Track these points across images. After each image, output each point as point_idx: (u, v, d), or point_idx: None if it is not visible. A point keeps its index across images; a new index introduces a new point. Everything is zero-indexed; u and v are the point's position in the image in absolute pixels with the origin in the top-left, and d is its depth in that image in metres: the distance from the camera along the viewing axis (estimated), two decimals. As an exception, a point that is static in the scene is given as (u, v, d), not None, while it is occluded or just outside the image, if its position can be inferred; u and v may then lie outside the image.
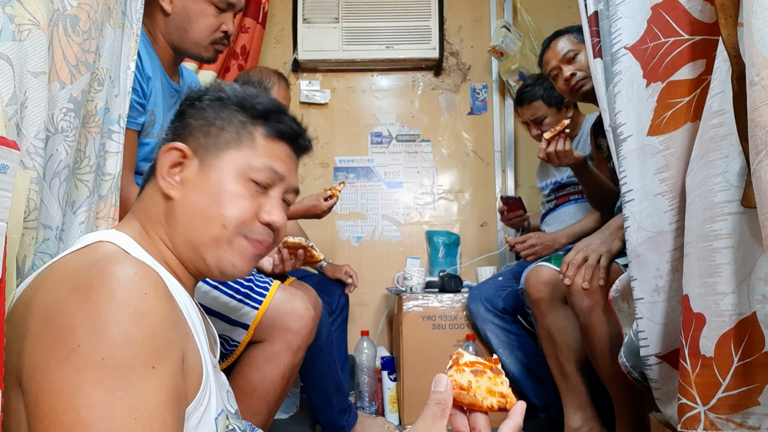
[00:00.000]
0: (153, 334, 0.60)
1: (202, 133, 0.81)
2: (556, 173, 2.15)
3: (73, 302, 0.59)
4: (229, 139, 0.80)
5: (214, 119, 0.81)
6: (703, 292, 0.86)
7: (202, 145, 0.80)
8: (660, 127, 1.03)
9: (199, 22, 1.40)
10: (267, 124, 0.82)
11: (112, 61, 1.03)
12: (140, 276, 0.63)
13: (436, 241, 2.53)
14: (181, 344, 0.65)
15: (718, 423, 0.85)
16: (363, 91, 2.87)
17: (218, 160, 0.79)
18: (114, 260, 0.64)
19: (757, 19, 0.68)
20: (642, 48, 1.07)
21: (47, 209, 0.86)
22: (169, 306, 0.64)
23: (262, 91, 0.87)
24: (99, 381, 0.56)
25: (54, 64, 0.83)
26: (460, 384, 0.65)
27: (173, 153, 0.79)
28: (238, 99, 0.83)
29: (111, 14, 1.00)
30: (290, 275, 1.71)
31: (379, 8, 2.74)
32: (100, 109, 0.98)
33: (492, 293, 2.01)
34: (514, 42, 2.65)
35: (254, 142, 0.81)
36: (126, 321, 0.59)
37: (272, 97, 0.87)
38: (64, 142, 0.88)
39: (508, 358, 1.95)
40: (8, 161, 0.58)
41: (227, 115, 0.81)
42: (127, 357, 0.58)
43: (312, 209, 1.89)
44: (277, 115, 0.83)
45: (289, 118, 0.85)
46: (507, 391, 0.66)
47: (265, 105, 0.83)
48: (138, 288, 0.61)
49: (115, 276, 0.61)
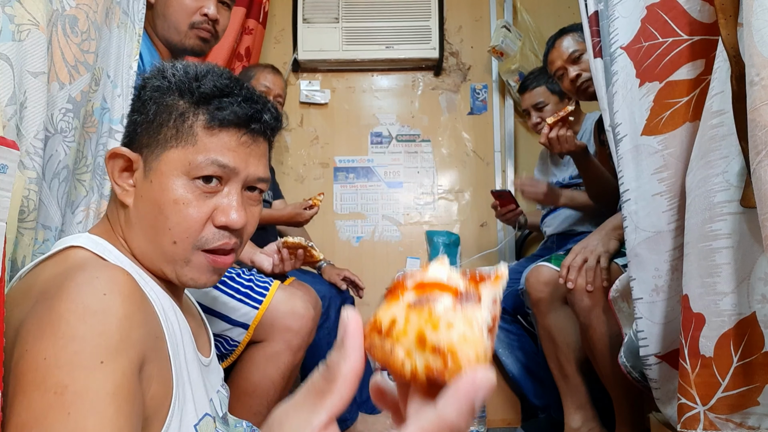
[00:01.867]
0: (105, 330, 0.56)
1: (145, 132, 0.73)
2: (557, 172, 2.15)
3: (32, 312, 0.58)
4: (169, 137, 0.71)
5: (154, 114, 0.72)
6: (702, 292, 0.86)
7: (145, 145, 0.72)
8: (658, 127, 1.03)
9: (174, 5, 1.36)
10: (207, 112, 0.71)
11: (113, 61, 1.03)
12: (102, 279, 0.59)
13: (436, 241, 2.53)
14: (142, 347, 0.60)
15: (717, 423, 0.85)
16: (363, 91, 2.87)
17: (159, 163, 0.71)
18: (80, 267, 0.61)
19: (757, 19, 0.68)
20: (636, 48, 1.07)
21: (47, 210, 0.86)
22: (133, 307, 0.60)
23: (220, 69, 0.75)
24: (40, 382, 0.53)
25: (53, 64, 0.84)
26: (377, 323, 0.35)
27: (118, 159, 0.72)
28: (177, 84, 0.72)
29: (110, 14, 1.00)
30: (290, 275, 1.71)
31: (379, 8, 2.74)
32: (96, 109, 0.98)
33: None
34: (514, 42, 2.65)
35: (195, 135, 0.71)
36: (75, 319, 0.55)
37: (224, 75, 0.74)
38: (63, 142, 0.88)
39: (508, 358, 1.95)
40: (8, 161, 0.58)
41: (167, 106, 0.72)
42: (71, 353, 0.54)
43: (295, 217, 1.93)
44: (218, 99, 0.72)
45: (236, 99, 0.72)
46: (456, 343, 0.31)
47: (205, 88, 0.72)
48: (95, 289, 0.58)
49: (74, 281, 0.58)
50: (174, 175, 0.70)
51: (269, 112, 0.75)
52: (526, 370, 1.94)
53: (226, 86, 0.73)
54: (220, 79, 0.73)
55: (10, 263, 0.77)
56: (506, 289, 1.62)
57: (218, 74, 0.73)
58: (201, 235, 0.71)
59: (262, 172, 0.76)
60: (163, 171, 0.70)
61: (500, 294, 0.35)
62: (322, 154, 2.83)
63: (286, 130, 2.78)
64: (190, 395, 0.69)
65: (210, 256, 0.72)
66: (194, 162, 0.70)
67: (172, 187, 0.69)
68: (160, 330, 0.66)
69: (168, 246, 0.70)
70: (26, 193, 0.78)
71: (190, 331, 0.75)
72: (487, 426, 1.95)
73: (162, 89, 0.72)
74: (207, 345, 0.85)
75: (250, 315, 1.33)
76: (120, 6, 1.03)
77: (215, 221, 0.71)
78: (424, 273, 0.37)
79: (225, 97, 0.72)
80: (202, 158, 0.70)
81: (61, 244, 0.68)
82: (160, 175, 0.70)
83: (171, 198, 0.69)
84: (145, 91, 0.73)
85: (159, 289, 0.72)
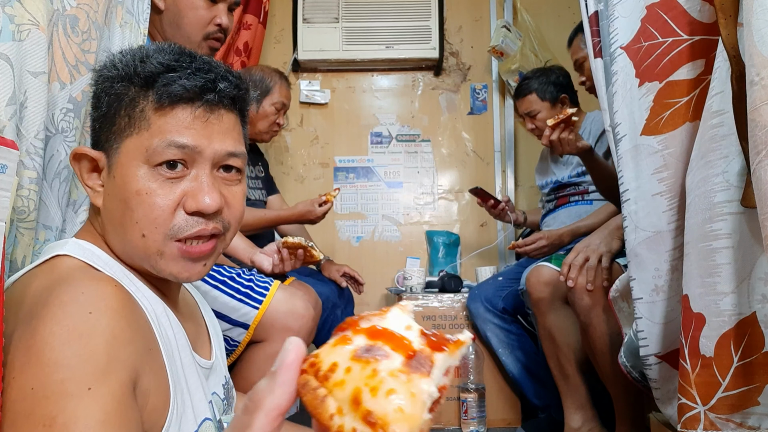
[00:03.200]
0: (92, 354, 0.54)
1: (103, 127, 0.68)
2: (556, 171, 2.15)
3: (16, 332, 0.56)
4: (123, 126, 0.66)
5: (107, 105, 0.68)
6: (702, 292, 0.86)
7: (105, 140, 0.68)
8: (658, 126, 1.03)
9: (190, 15, 1.36)
10: (155, 92, 0.66)
11: None
12: (88, 294, 0.57)
13: (436, 241, 2.53)
14: (134, 364, 0.58)
15: (717, 423, 0.85)
16: (363, 91, 2.87)
17: (118, 156, 0.66)
18: (65, 281, 0.59)
19: (757, 19, 0.68)
20: (635, 47, 1.07)
21: (47, 209, 0.86)
22: (122, 323, 0.57)
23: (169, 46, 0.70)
24: (28, 414, 0.51)
25: (54, 64, 0.83)
26: (317, 364, 0.33)
27: (83, 160, 0.69)
28: (124, 69, 0.67)
29: (111, 14, 1.00)
30: (290, 275, 1.71)
31: (379, 8, 2.74)
32: None
33: (492, 293, 2.01)
34: (514, 42, 2.65)
35: (147, 119, 0.66)
36: (60, 344, 0.53)
37: (172, 50, 0.69)
38: (64, 142, 0.88)
39: (508, 358, 1.95)
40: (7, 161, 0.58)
41: (117, 95, 0.67)
42: (57, 382, 0.52)
43: (306, 215, 1.86)
44: (164, 76, 0.66)
45: (184, 72, 0.66)
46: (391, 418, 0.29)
47: (150, 66, 0.66)
48: (81, 308, 0.55)
49: (59, 299, 0.56)
50: (133, 166, 0.65)
51: (225, 80, 0.69)
52: (526, 370, 1.94)
53: (173, 60, 0.67)
54: (166, 54, 0.67)
55: (9, 263, 0.77)
56: (506, 289, 1.61)
57: (164, 50, 0.68)
58: (172, 224, 0.66)
59: (231, 146, 0.69)
60: (122, 163, 0.66)
61: (456, 363, 0.33)
62: (322, 154, 2.83)
63: (286, 130, 2.78)
64: (189, 402, 0.67)
65: (182, 246, 0.67)
66: (150, 147, 0.65)
67: (133, 178, 0.65)
68: (153, 340, 0.63)
69: (138, 240, 0.66)
70: (26, 193, 0.78)
71: (185, 335, 0.72)
72: (487, 426, 1.95)
73: (111, 78, 0.68)
74: (207, 346, 0.82)
75: (250, 315, 1.33)
76: (123, 6, 1.03)
77: (186, 207, 0.66)
78: (382, 318, 0.35)
79: (171, 72, 0.66)
80: (157, 142, 0.65)
81: (48, 253, 0.66)
82: (120, 168, 0.66)
83: (134, 189, 0.65)
84: (98, 85, 0.69)
85: (151, 294, 0.69)
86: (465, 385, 1.92)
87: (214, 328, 0.89)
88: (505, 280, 2.04)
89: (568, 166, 2.08)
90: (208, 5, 1.37)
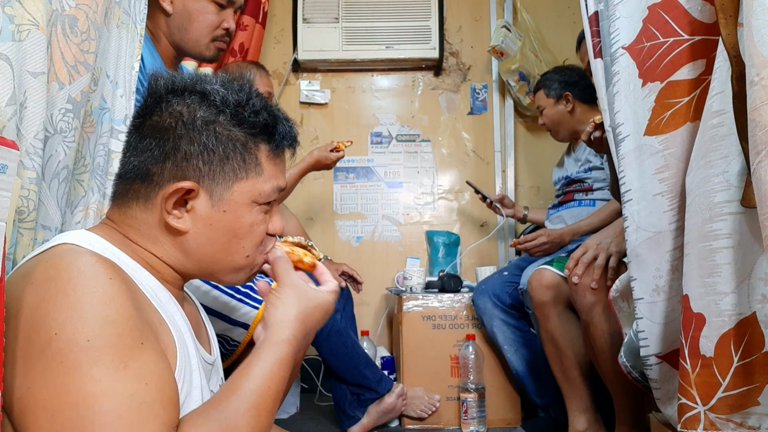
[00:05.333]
0: (130, 314, 0.61)
1: (203, 160, 0.73)
2: (568, 167, 2.15)
3: (34, 295, 0.59)
4: (235, 168, 0.75)
5: (214, 143, 0.73)
6: (703, 292, 0.86)
7: (207, 174, 0.73)
8: (659, 127, 1.03)
9: (200, 19, 1.39)
10: (270, 143, 0.78)
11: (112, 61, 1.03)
12: (98, 266, 0.62)
13: (436, 241, 2.53)
14: (151, 326, 0.66)
15: (718, 423, 0.85)
16: (363, 91, 2.87)
17: (230, 194, 0.74)
18: (71, 252, 0.64)
19: (757, 19, 0.68)
20: (638, 48, 1.07)
21: (46, 210, 0.86)
22: (132, 291, 0.65)
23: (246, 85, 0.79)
24: (95, 359, 0.57)
25: (53, 64, 0.84)
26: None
27: (179, 192, 0.73)
28: (233, 112, 0.74)
29: (110, 14, 1.00)
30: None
31: (379, 8, 2.74)
32: (94, 109, 0.98)
33: (499, 288, 2.00)
34: (514, 42, 2.65)
35: (260, 166, 0.77)
36: (100, 303, 0.59)
37: (264, 101, 0.79)
38: (63, 142, 0.88)
39: (513, 356, 1.94)
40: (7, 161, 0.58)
41: (226, 136, 0.74)
42: (113, 335, 0.58)
43: (322, 160, 1.95)
44: (274, 129, 0.78)
45: (285, 125, 0.80)
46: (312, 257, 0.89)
47: (264, 119, 0.76)
48: (102, 273, 0.62)
49: (75, 265, 0.61)
50: (246, 203, 0.76)
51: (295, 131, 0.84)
52: (530, 369, 1.93)
53: (274, 111, 0.79)
54: (264, 103, 0.78)
55: (11, 263, 0.77)
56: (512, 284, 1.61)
57: (261, 103, 0.77)
58: (263, 243, 0.80)
59: None
60: (236, 201, 0.75)
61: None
62: (322, 154, 2.82)
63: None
64: (198, 383, 0.72)
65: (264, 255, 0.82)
66: (264, 192, 0.77)
67: (248, 215, 0.76)
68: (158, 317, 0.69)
69: (241, 260, 0.78)
70: (26, 193, 0.78)
71: (189, 324, 0.77)
72: (487, 426, 1.95)
73: (217, 120, 0.74)
74: (207, 343, 0.87)
75: (250, 315, 1.33)
76: (120, 6, 1.03)
77: (269, 231, 0.81)
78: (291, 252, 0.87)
79: (278, 125, 0.78)
80: (269, 187, 0.77)
81: (53, 241, 0.68)
82: (234, 205, 0.75)
83: (247, 223, 0.76)
84: (195, 122, 0.73)
85: (156, 283, 0.74)
86: (465, 385, 1.92)
87: (212, 330, 0.93)
88: (510, 275, 2.04)
89: (578, 162, 2.08)
90: (217, 10, 1.40)
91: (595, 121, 1.52)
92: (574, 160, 2.12)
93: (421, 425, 1.99)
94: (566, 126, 2.10)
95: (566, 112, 2.07)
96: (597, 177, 2.01)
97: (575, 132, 2.08)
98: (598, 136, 1.50)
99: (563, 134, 2.14)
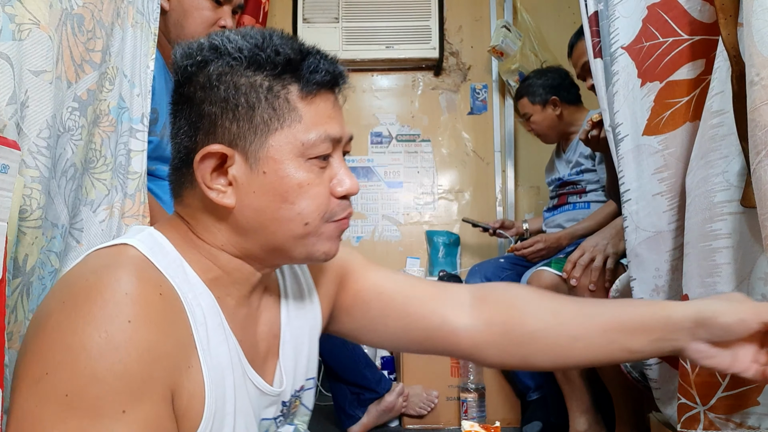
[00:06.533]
0: (126, 372, 0.52)
1: (229, 119, 0.64)
2: (559, 169, 2.15)
3: (56, 318, 0.55)
4: (266, 119, 0.63)
5: (235, 96, 0.63)
6: (702, 291, 0.86)
7: (237, 135, 0.64)
8: (658, 126, 1.03)
9: (195, 16, 1.37)
10: (300, 79, 0.64)
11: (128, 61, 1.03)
12: (131, 297, 0.55)
13: (436, 241, 2.53)
14: (170, 380, 0.57)
15: (717, 423, 0.85)
16: (363, 91, 2.87)
17: (265, 150, 0.64)
18: (113, 273, 0.57)
19: (757, 19, 0.68)
20: (637, 48, 1.07)
21: (54, 208, 0.86)
22: (161, 336, 0.56)
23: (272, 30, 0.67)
24: (61, 419, 0.51)
25: (63, 63, 0.84)
26: None
27: (209, 159, 0.64)
28: (249, 58, 0.63)
29: (122, 14, 1.00)
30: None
31: (379, 8, 2.74)
32: (113, 108, 0.99)
33: (492, 272, 1.99)
34: (514, 42, 2.65)
35: (296, 111, 0.64)
36: (97, 354, 0.52)
37: (288, 38, 0.66)
38: (71, 141, 0.88)
39: None
40: (9, 161, 0.58)
41: (246, 84, 0.63)
42: (92, 397, 0.51)
43: None
44: (307, 62, 0.64)
45: (319, 56, 0.66)
46: None
47: (286, 55, 0.63)
48: (122, 312, 0.54)
49: (101, 295, 0.55)
50: (290, 159, 0.64)
51: (340, 66, 0.69)
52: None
53: (299, 46, 0.65)
54: (288, 39, 0.65)
55: (12, 262, 0.77)
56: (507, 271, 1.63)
57: (280, 35, 0.65)
58: (331, 209, 0.68)
59: (349, 131, 0.73)
60: (275, 158, 0.64)
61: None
62: (322, 154, 2.83)
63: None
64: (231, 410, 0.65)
65: (339, 221, 0.69)
66: (308, 141, 0.64)
67: (293, 173, 0.64)
68: (194, 356, 0.61)
69: (300, 229, 0.66)
70: (28, 192, 0.78)
71: (240, 353, 0.68)
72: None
73: (232, 69, 0.64)
74: (273, 367, 0.75)
75: None
76: (134, 6, 1.03)
77: (335, 193, 0.68)
78: None
79: (306, 59, 0.65)
80: (314, 135, 0.65)
81: (122, 238, 0.64)
82: (272, 163, 0.64)
83: (295, 183, 0.64)
84: (207, 74, 0.64)
85: (211, 301, 0.66)
86: (465, 385, 1.92)
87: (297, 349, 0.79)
88: (506, 262, 2.03)
89: (569, 165, 2.09)
90: (213, 6, 1.38)
91: (592, 119, 1.52)
92: (565, 163, 2.12)
93: (421, 425, 1.99)
94: (557, 130, 2.10)
95: (555, 116, 2.06)
96: (590, 179, 2.01)
97: (565, 134, 2.09)
98: (596, 134, 1.50)
99: (554, 138, 2.15)
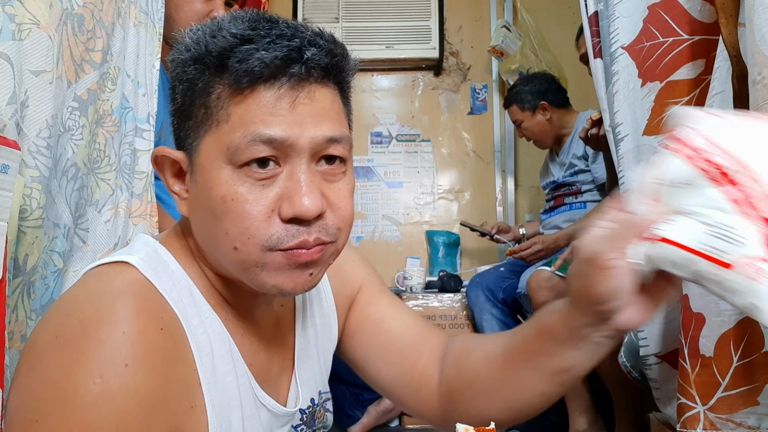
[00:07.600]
0: (123, 423, 0.47)
1: (179, 119, 0.57)
2: (554, 172, 2.16)
3: (48, 354, 0.49)
4: (200, 119, 0.54)
5: (183, 95, 0.55)
6: (702, 291, 0.86)
7: (183, 137, 0.56)
8: (659, 126, 1.03)
9: (186, 9, 1.34)
10: (229, 73, 0.51)
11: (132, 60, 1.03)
12: (129, 337, 0.49)
13: (436, 241, 2.53)
14: (170, 426, 0.51)
15: (717, 423, 0.85)
16: (363, 91, 2.87)
17: (199, 155, 0.54)
18: (110, 306, 0.50)
19: (758, 18, 0.68)
20: (638, 48, 1.07)
21: (55, 208, 0.86)
22: (160, 380, 0.50)
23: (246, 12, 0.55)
24: None
25: (63, 63, 0.84)
26: None
27: (165, 162, 0.58)
28: (195, 51, 0.53)
29: (123, 13, 1.00)
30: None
31: (379, 8, 2.75)
32: (115, 108, 0.99)
33: (493, 283, 2.00)
34: (514, 42, 2.65)
35: (225, 109, 0.52)
36: (91, 403, 0.46)
37: (246, 17, 0.54)
38: (71, 140, 0.88)
39: None
40: (9, 161, 0.58)
41: (190, 81, 0.54)
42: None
43: None
44: (238, 51, 0.51)
45: (261, 42, 0.51)
46: None
47: (220, 43, 0.52)
48: (119, 355, 0.48)
49: (96, 334, 0.48)
50: (216, 167, 0.52)
51: (315, 46, 0.52)
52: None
53: (249, 29, 0.52)
54: (240, 23, 0.52)
55: (13, 261, 0.77)
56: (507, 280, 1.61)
57: (240, 18, 0.53)
58: (269, 234, 0.52)
59: (329, 130, 0.54)
60: (203, 164, 0.53)
61: None
62: (322, 154, 2.83)
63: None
64: None
65: (291, 251, 0.53)
66: (232, 144, 0.51)
67: (217, 182, 0.52)
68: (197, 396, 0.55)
69: (230, 254, 0.54)
70: (28, 191, 0.78)
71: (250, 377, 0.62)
72: (487, 426, 1.95)
73: (183, 62, 0.55)
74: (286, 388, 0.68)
75: None
76: (136, 5, 1.03)
77: (282, 214, 0.52)
78: None
79: (247, 44, 0.51)
80: (239, 136, 0.51)
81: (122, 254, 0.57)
82: (202, 170, 0.54)
83: (219, 195, 0.52)
84: (172, 72, 0.57)
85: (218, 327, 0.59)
86: (465, 384, 1.92)
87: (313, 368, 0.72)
88: (506, 271, 2.04)
89: (563, 167, 2.09)
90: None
91: (592, 118, 1.52)
92: (559, 165, 2.13)
93: (421, 425, 1.99)
94: (549, 134, 2.12)
95: (545, 121, 2.09)
96: (584, 180, 2.02)
97: (558, 137, 2.11)
98: (595, 132, 1.50)
99: (547, 142, 2.16)
